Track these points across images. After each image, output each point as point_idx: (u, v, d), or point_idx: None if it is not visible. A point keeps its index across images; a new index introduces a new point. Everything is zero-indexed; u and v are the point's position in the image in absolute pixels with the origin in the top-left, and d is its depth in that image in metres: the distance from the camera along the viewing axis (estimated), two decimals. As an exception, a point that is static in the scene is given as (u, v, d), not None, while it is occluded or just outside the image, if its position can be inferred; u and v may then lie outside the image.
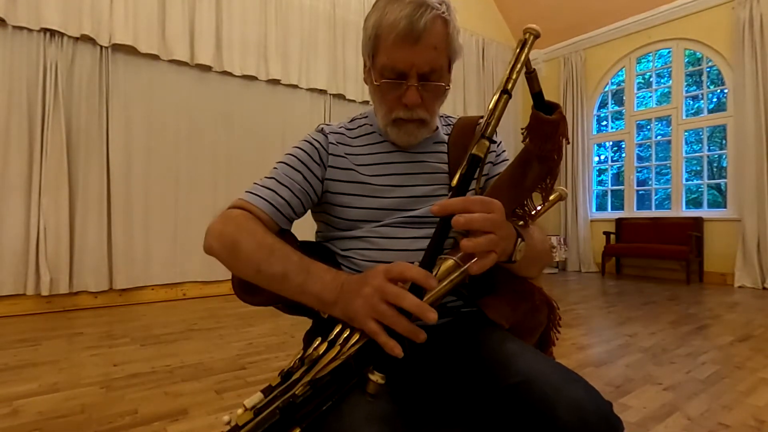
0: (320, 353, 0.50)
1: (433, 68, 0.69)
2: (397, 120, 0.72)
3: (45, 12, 2.97)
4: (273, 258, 0.60)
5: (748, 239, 4.30)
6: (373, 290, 0.50)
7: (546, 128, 0.59)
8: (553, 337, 0.75)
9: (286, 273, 0.58)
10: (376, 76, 0.72)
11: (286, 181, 0.72)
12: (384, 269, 0.52)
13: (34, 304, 2.98)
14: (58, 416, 1.44)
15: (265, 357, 2.06)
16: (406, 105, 0.70)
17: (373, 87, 0.74)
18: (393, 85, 0.70)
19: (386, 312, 0.49)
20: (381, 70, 0.70)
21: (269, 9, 4.03)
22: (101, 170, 3.23)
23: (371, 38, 0.71)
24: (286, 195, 0.71)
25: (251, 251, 0.61)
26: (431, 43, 0.67)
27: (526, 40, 0.55)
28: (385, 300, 0.49)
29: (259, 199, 0.70)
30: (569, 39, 5.95)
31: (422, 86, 0.69)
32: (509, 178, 0.65)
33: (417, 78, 0.68)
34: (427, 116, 0.73)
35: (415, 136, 0.74)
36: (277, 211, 0.70)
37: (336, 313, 0.54)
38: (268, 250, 0.61)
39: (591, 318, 2.99)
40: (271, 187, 0.71)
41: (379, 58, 0.70)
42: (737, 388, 1.69)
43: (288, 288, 0.59)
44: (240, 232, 0.64)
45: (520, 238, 0.59)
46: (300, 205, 0.73)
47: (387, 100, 0.72)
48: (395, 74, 0.69)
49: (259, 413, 0.47)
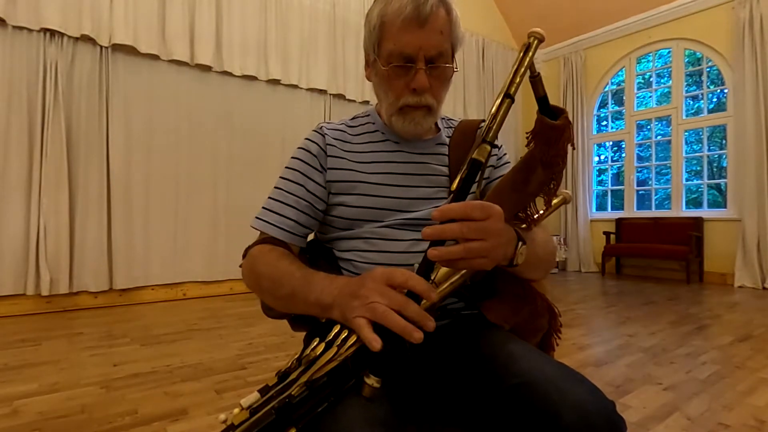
0: (317, 354, 0.50)
1: (440, 52, 0.69)
2: (404, 108, 0.72)
3: (45, 12, 2.98)
4: (282, 281, 0.62)
5: (748, 239, 4.30)
6: (372, 293, 0.50)
7: (551, 133, 0.58)
8: (553, 343, 0.74)
9: (293, 291, 0.60)
10: (382, 62, 0.72)
11: (290, 200, 0.73)
12: (386, 276, 0.51)
13: (34, 304, 2.99)
14: (58, 416, 1.44)
15: (265, 357, 2.06)
16: (414, 90, 0.70)
17: (379, 78, 0.74)
18: (401, 72, 0.70)
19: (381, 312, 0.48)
20: (388, 57, 0.70)
21: (269, 9, 4.03)
22: (101, 170, 3.23)
23: (376, 27, 0.71)
24: (293, 215, 0.73)
25: (267, 282, 0.65)
26: (437, 27, 0.68)
27: (530, 44, 0.54)
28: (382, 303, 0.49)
29: (271, 227, 0.72)
30: (569, 39, 5.95)
31: (429, 71, 0.70)
32: (512, 181, 0.64)
33: (425, 62, 0.69)
34: (434, 103, 0.72)
35: (420, 125, 0.74)
36: (290, 234, 0.72)
37: (335, 316, 0.54)
38: (278, 277, 0.64)
39: (591, 318, 2.99)
40: (278, 211, 0.73)
41: (385, 45, 0.71)
42: (737, 388, 1.69)
43: (297, 304, 0.60)
44: (259, 267, 0.67)
45: (522, 241, 0.58)
46: (309, 219, 0.74)
47: (395, 87, 0.72)
48: (403, 59, 0.69)
49: (255, 413, 0.47)
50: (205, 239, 3.71)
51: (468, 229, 0.50)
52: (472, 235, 0.50)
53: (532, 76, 0.56)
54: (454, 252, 0.50)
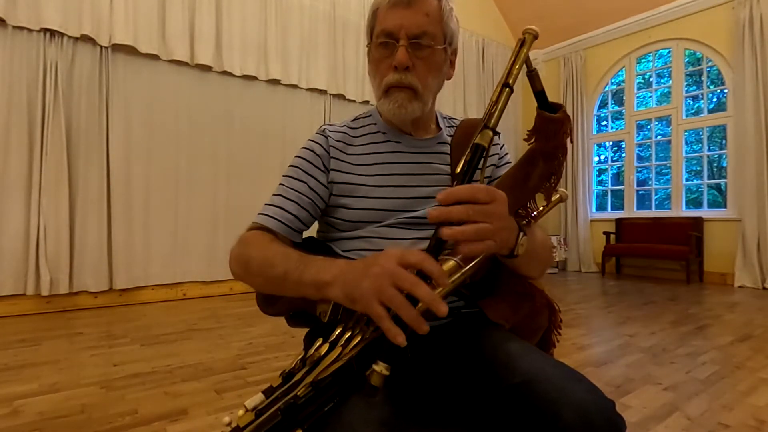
0: (322, 354, 0.49)
1: (424, 31, 0.70)
2: (389, 89, 0.73)
3: (45, 12, 2.97)
4: (275, 261, 0.61)
5: (748, 239, 4.30)
6: (384, 272, 0.47)
7: (551, 126, 0.60)
8: (553, 340, 0.75)
9: (286, 271, 0.59)
10: (372, 46, 0.74)
11: (292, 195, 0.74)
12: (399, 254, 0.49)
13: (34, 304, 2.98)
14: (58, 416, 1.44)
15: (265, 357, 2.06)
16: (396, 68, 0.71)
17: (370, 65, 0.76)
18: (384, 51, 0.72)
19: (395, 297, 0.46)
20: (375, 39, 0.73)
21: (269, 9, 4.03)
22: (101, 170, 3.23)
23: (371, 16, 0.75)
24: (294, 209, 0.73)
25: (258, 262, 0.64)
26: (423, 9, 0.70)
27: (524, 39, 0.56)
28: (395, 285, 0.47)
29: (269, 218, 0.72)
30: (569, 39, 5.95)
31: (413, 50, 0.71)
32: (513, 178, 0.65)
33: (407, 39, 0.70)
34: (417, 84, 0.72)
35: (405, 107, 0.73)
36: (287, 227, 0.72)
37: (334, 294, 0.52)
38: (271, 257, 0.62)
39: (591, 318, 2.99)
40: (279, 205, 0.73)
41: (375, 30, 0.74)
42: (737, 388, 1.70)
43: (289, 285, 0.58)
44: (249, 249, 0.67)
45: (523, 232, 0.58)
46: (309, 216, 0.75)
47: (380, 69, 0.74)
48: (385, 36, 0.71)
49: (260, 414, 0.47)
50: (205, 239, 3.70)
51: (474, 211, 0.50)
52: (478, 217, 0.50)
53: (529, 71, 0.57)
54: (467, 231, 0.49)
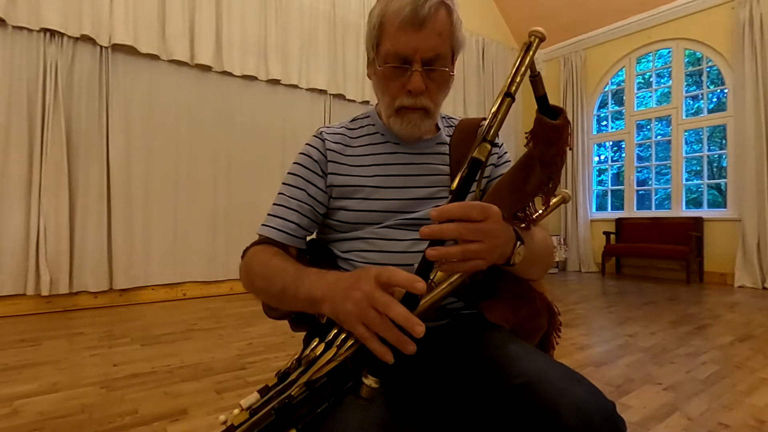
0: (317, 354, 0.49)
1: (437, 54, 0.69)
2: (401, 109, 0.72)
3: (45, 12, 2.97)
4: (274, 278, 0.63)
5: (748, 239, 4.30)
6: (363, 295, 0.48)
7: (550, 133, 0.59)
8: (553, 341, 0.74)
9: (284, 287, 0.60)
10: (380, 62, 0.72)
11: (293, 204, 0.74)
12: (375, 274, 0.50)
13: (34, 304, 2.98)
14: (58, 416, 1.44)
15: (265, 357, 2.06)
16: (410, 91, 0.70)
17: (377, 77, 0.74)
18: (397, 72, 0.70)
19: (375, 320, 0.47)
20: (385, 57, 0.70)
21: (269, 9, 4.03)
22: (101, 170, 3.23)
23: (376, 27, 0.71)
24: (296, 218, 0.74)
25: (260, 280, 0.66)
26: (435, 29, 0.67)
27: (531, 43, 0.54)
28: (373, 307, 0.47)
29: (272, 230, 0.73)
30: (569, 39, 5.95)
31: (426, 73, 0.69)
32: (511, 181, 0.64)
33: (421, 64, 0.69)
34: (431, 105, 0.72)
35: (418, 127, 0.73)
36: (291, 237, 0.73)
37: (325, 311, 0.53)
38: (270, 274, 0.64)
39: (591, 318, 2.99)
40: (281, 215, 0.74)
41: (383, 46, 0.71)
42: (737, 388, 1.69)
43: (288, 299, 0.60)
44: (252, 265, 0.69)
45: (520, 241, 0.58)
46: (311, 223, 0.76)
47: (391, 88, 0.72)
48: (399, 60, 0.69)
49: (255, 413, 0.47)
50: (204, 239, 3.71)
51: (466, 230, 0.50)
52: (470, 236, 0.50)
53: (532, 76, 0.56)
54: (452, 253, 0.50)
